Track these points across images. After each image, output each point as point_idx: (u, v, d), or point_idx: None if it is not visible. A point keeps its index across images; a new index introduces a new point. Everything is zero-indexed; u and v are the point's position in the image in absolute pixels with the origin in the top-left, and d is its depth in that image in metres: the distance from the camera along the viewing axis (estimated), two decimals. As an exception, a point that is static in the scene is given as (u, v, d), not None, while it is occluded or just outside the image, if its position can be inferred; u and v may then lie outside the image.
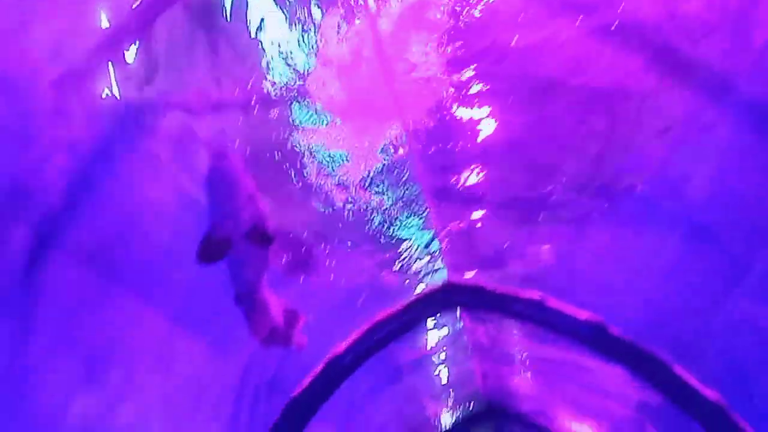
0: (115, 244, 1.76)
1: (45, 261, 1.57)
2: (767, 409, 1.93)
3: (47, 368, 1.60)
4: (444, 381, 3.98)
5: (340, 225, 2.41)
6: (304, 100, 1.93)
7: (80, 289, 1.69)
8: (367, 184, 2.30)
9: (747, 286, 1.95)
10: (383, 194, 2.38)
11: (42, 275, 1.56)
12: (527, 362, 3.67)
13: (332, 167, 2.20)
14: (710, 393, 1.97)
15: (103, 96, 1.57)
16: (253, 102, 1.91)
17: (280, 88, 1.85)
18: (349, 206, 2.37)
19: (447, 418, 4.50)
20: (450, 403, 4.34)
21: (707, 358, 2.02)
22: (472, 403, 4.50)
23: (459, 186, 2.34)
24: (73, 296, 1.68)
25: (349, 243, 2.57)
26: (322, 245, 2.48)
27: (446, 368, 3.82)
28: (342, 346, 2.56)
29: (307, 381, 2.49)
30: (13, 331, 1.53)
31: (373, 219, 2.44)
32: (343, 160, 2.18)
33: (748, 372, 1.92)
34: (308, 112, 1.97)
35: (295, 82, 1.84)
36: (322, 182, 2.25)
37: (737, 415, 1.96)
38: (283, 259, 2.17)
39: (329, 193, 2.30)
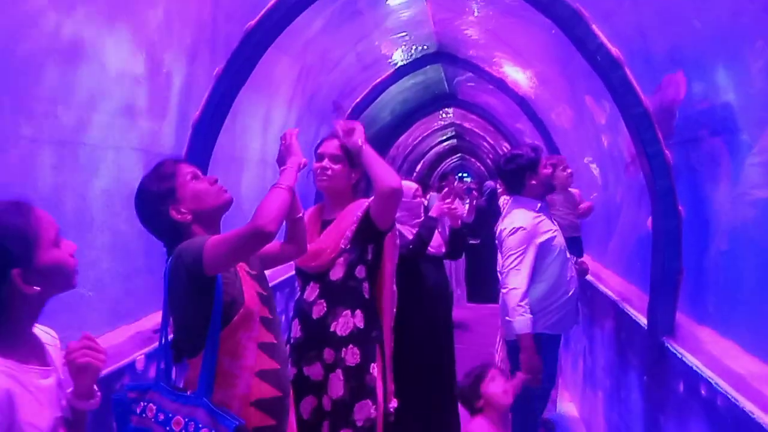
0: None
1: None
2: (663, 69, 2.24)
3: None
4: (399, 22, 4.14)
5: None
6: None
7: None
8: None
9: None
10: None
11: None
12: (480, 14, 3.82)
13: None
14: (614, 50, 2.27)
15: None
16: None
17: None
18: None
19: (399, 56, 4.82)
20: (403, 44, 4.61)
21: (618, 18, 2.23)
22: (423, 46, 4.79)
23: None
24: None
25: None
26: None
27: (402, 11, 3.94)
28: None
29: (262, 12, 2.63)
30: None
31: None
32: None
33: (645, 33, 2.17)
34: None
35: None
36: None
37: (631, 72, 2.30)
38: None
39: None
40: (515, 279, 2.64)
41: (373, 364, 2.08)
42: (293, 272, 4.09)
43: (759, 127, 1.71)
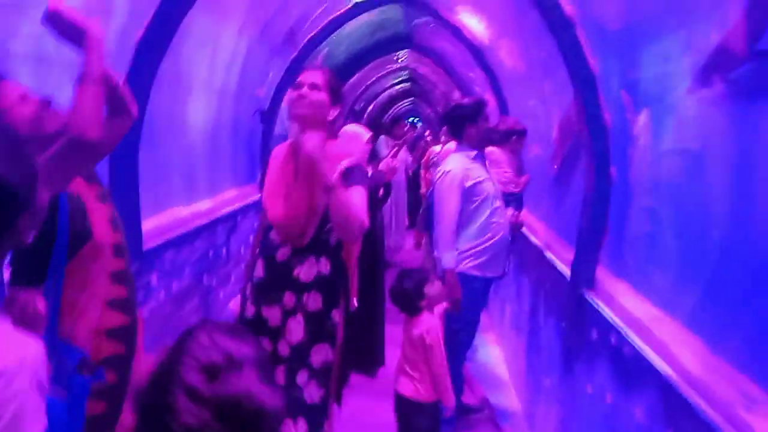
0: None
1: None
2: (613, 35, 2.30)
3: None
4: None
5: None
6: None
7: None
8: None
9: None
10: None
11: None
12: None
13: None
14: (568, 9, 2.31)
15: None
16: None
17: None
18: None
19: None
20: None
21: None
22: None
23: None
24: None
25: None
26: None
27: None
28: None
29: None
30: None
31: None
32: None
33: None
34: None
35: None
36: None
37: (582, 33, 2.36)
38: None
39: None
40: (443, 219, 2.90)
41: (335, 310, 2.06)
42: (236, 206, 4.12)
43: (680, 97, 1.81)
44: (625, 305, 2.13)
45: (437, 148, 6.00)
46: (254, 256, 2.19)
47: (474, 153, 3.01)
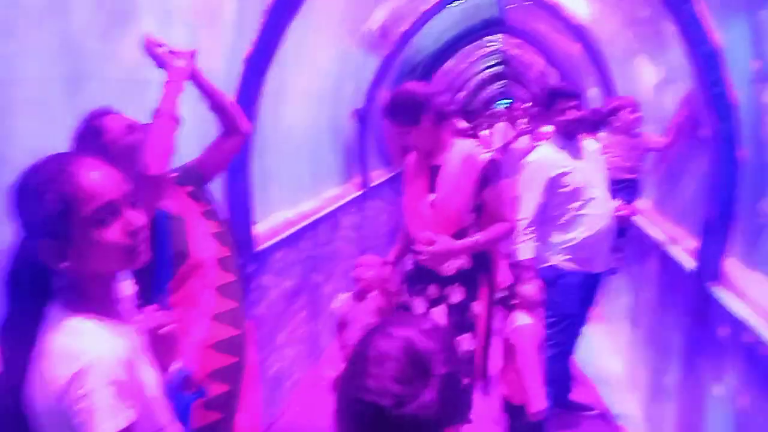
0: None
1: None
2: (736, 7, 2.09)
3: None
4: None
5: None
6: None
7: None
8: None
9: None
10: None
11: None
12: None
13: None
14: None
15: None
16: None
17: None
18: None
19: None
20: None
21: None
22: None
23: None
24: None
25: None
26: None
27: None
28: None
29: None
30: None
31: None
32: None
33: None
34: None
35: None
36: None
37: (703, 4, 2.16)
38: None
39: None
40: (523, 208, 2.76)
41: (475, 301, 2.14)
42: (337, 205, 4.22)
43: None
44: (760, 300, 1.95)
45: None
46: (402, 250, 2.35)
47: (562, 141, 2.81)
